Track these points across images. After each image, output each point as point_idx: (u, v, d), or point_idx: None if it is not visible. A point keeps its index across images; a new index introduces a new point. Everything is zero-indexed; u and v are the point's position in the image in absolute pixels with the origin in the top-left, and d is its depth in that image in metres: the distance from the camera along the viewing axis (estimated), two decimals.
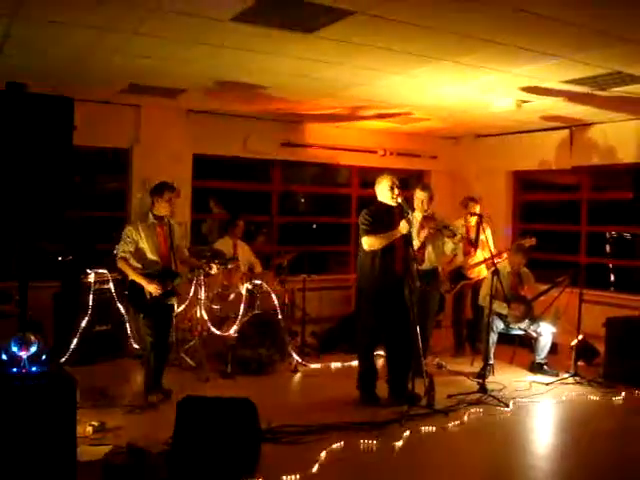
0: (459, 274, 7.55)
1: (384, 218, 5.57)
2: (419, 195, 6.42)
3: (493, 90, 6.60)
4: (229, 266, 6.20)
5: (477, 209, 7.40)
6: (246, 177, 9.67)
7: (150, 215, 5.54)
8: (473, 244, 7.50)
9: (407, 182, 10.31)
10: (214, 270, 5.78)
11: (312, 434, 4.75)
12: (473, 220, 7.41)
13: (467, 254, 7.55)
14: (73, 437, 3.67)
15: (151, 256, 5.47)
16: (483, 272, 7.37)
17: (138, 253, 5.45)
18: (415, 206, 6.36)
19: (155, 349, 5.49)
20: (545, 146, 9.02)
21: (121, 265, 5.46)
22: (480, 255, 7.45)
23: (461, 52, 5.21)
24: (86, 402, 5.20)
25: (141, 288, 5.41)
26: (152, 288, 5.38)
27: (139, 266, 5.45)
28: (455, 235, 6.35)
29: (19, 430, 3.45)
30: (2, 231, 4.00)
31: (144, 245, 5.45)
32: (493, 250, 7.16)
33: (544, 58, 5.30)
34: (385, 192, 5.60)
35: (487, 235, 7.41)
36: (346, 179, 10.32)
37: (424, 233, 6.19)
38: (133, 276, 5.43)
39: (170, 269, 5.59)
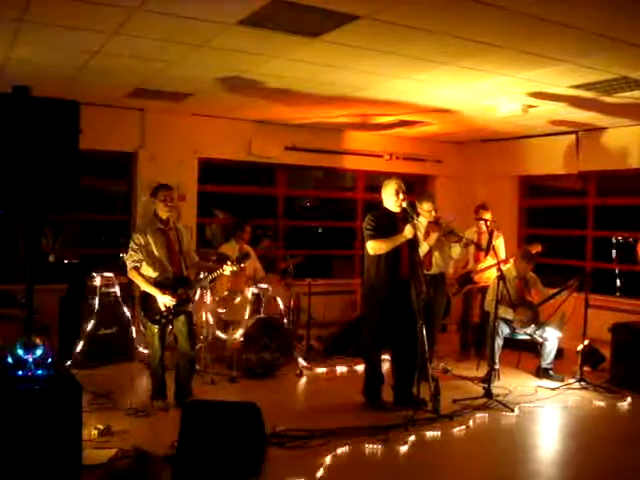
0: (468, 278, 7.58)
1: (389, 222, 5.56)
2: (427, 207, 6.45)
3: (499, 95, 6.59)
4: (242, 265, 6.14)
5: (487, 216, 7.45)
6: (251, 181, 9.66)
7: (157, 220, 5.41)
8: (482, 249, 7.52)
9: (412, 186, 10.30)
10: (228, 270, 5.57)
11: (317, 438, 4.74)
12: (484, 226, 7.50)
13: (476, 260, 7.62)
14: (78, 440, 3.68)
15: (162, 261, 5.35)
16: (491, 277, 7.37)
17: (149, 257, 5.31)
18: (423, 217, 6.38)
19: (162, 360, 5.43)
20: (551, 151, 8.98)
21: (132, 276, 5.33)
22: (489, 261, 7.47)
23: (466, 56, 5.20)
24: (91, 405, 5.22)
25: (154, 298, 5.28)
26: (166, 300, 5.26)
27: (152, 275, 5.31)
28: (461, 239, 6.38)
29: (24, 433, 3.46)
30: (8, 235, 4.02)
31: (154, 250, 5.33)
32: (503, 258, 7.18)
33: (550, 63, 5.29)
34: (390, 197, 5.58)
35: (498, 243, 7.45)
36: (352, 183, 10.32)
37: (434, 237, 6.19)
38: (145, 287, 5.29)
39: (182, 276, 5.46)
